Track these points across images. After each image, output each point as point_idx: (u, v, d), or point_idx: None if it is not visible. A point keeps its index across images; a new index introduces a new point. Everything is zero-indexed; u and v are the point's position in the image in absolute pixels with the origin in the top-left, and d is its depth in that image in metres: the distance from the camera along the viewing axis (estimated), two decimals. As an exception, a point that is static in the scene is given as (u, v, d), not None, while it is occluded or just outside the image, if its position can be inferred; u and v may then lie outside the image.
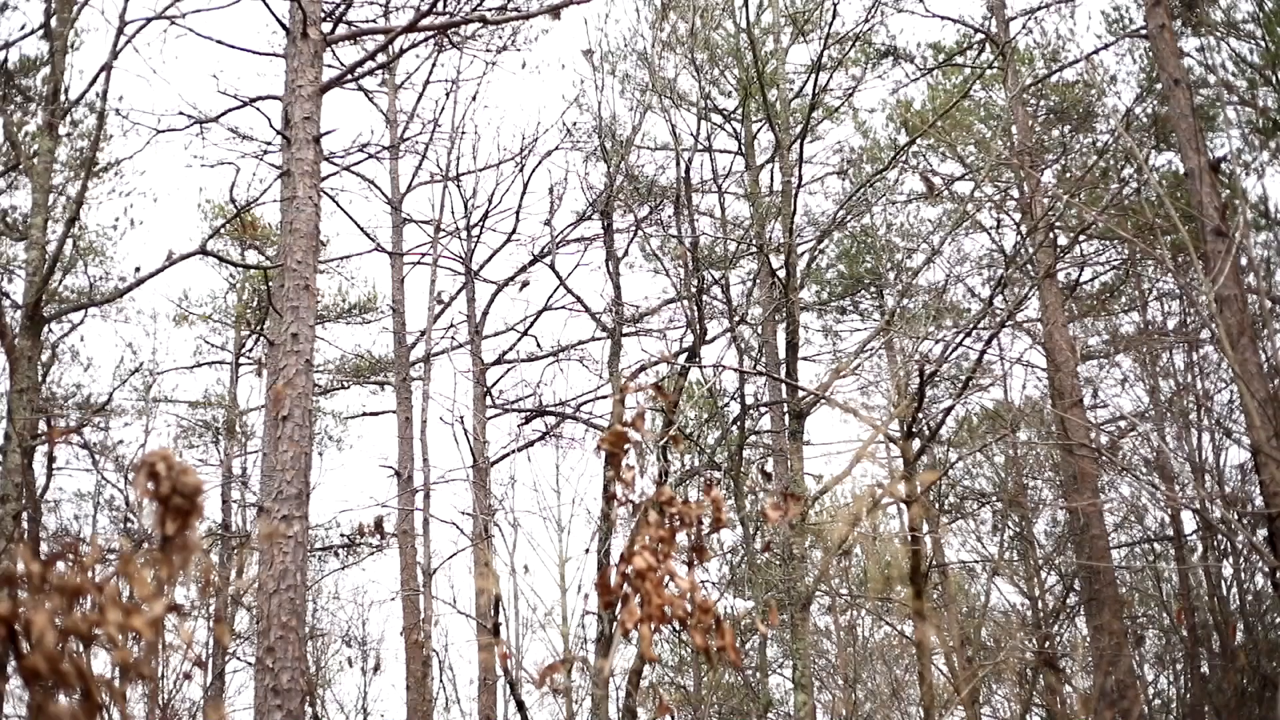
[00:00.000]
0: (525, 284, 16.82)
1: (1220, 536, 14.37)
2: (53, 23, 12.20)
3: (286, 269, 8.67)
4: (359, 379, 19.64)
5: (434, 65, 16.62)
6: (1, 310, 11.04)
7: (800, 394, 13.37)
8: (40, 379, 14.92)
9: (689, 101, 16.81)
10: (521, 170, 16.57)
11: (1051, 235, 14.91)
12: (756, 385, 16.70)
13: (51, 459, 14.84)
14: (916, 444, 9.49)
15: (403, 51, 14.81)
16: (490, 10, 11.37)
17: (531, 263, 16.81)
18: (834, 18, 13.95)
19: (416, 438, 16.27)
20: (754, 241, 14.77)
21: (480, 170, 16.88)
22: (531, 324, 17.21)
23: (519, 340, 17.44)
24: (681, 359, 15.04)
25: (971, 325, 13.53)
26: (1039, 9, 16.56)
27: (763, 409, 17.02)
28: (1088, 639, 15.12)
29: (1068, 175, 15.94)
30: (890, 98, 18.41)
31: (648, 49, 15.19)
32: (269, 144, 14.36)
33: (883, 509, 15.26)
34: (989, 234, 16.74)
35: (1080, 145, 16.74)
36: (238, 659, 16.93)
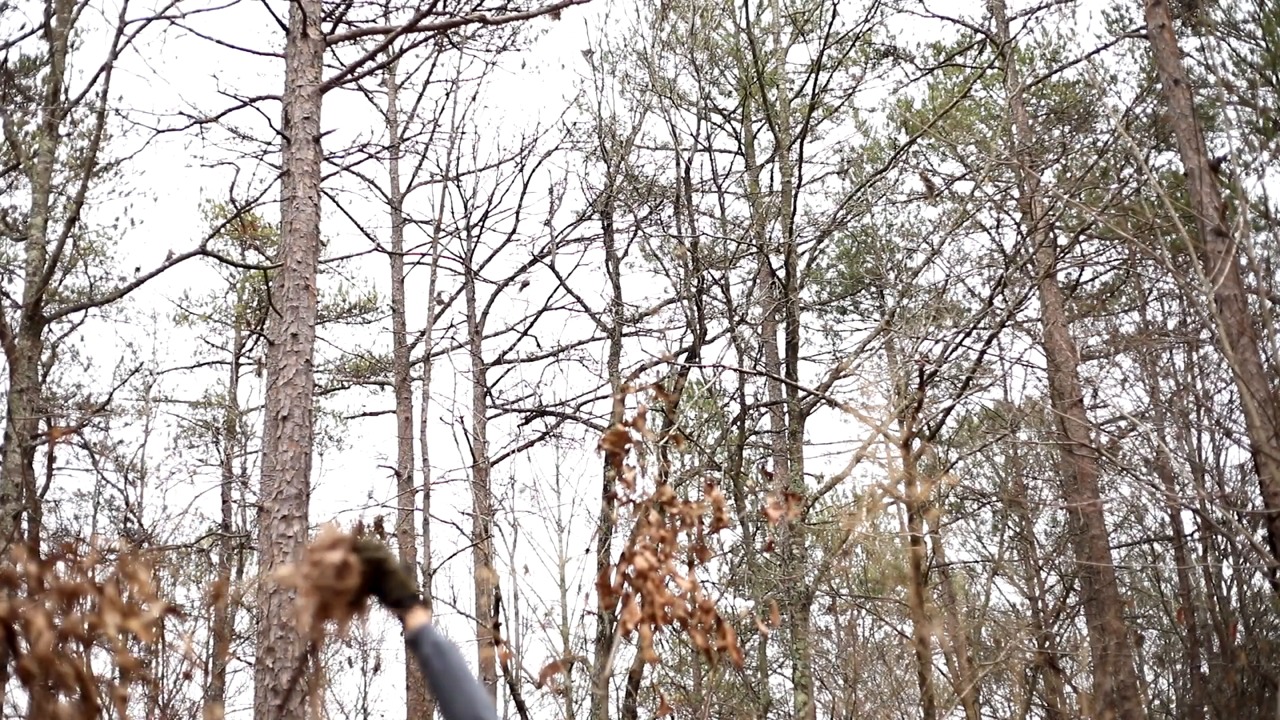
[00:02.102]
0: (525, 284, 16.82)
1: (1220, 536, 14.37)
2: (53, 23, 12.20)
3: (286, 269, 8.66)
4: (359, 379, 19.63)
5: (434, 65, 16.63)
6: (1, 310, 11.03)
7: (800, 394, 13.37)
8: (40, 379, 14.91)
9: (689, 101, 16.81)
10: (521, 170, 16.58)
11: (1051, 235, 14.91)
12: (756, 385, 16.69)
13: (51, 459, 14.82)
14: (916, 444, 9.49)
15: (403, 51, 14.81)
16: (490, 10, 11.37)
17: (531, 263, 16.81)
18: (834, 18, 13.97)
19: (416, 438, 16.27)
20: (754, 241, 14.77)
21: (480, 170, 16.89)
22: (531, 324, 17.21)
23: (519, 340, 17.45)
24: (681, 359, 15.04)
25: (971, 325, 13.53)
26: (1039, 9, 16.55)
27: (763, 409, 17.02)
28: (1087, 639, 15.12)
29: (1068, 175, 15.93)
30: (890, 97, 18.41)
31: (648, 49, 15.19)
32: (269, 144, 14.36)
33: (884, 510, 15.26)
34: (989, 234, 16.74)
35: (1080, 145, 16.73)
36: (238, 659, 16.92)
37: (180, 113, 10.90)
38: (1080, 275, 17.41)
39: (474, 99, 16.41)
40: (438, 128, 16.67)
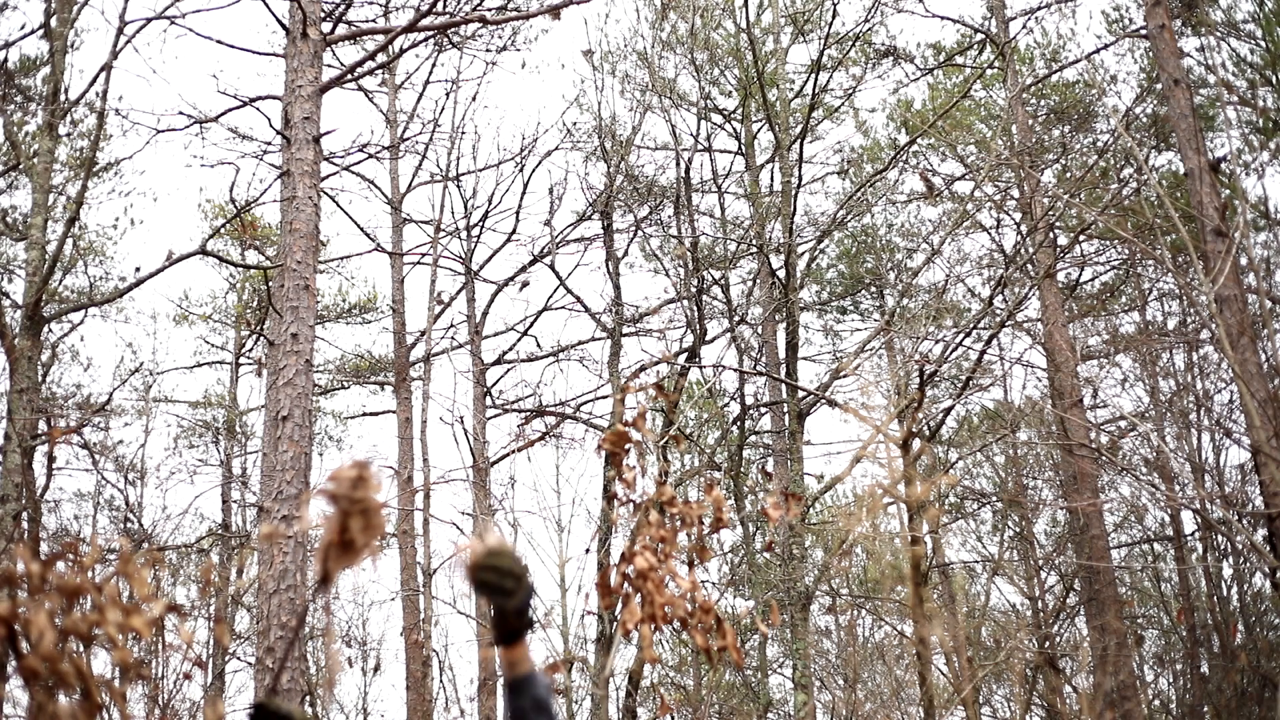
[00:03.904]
0: (525, 284, 16.82)
1: (1220, 536, 14.37)
2: (53, 23, 12.20)
3: (286, 269, 8.66)
4: (359, 379, 19.63)
5: (434, 65, 16.62)
6: (1, 310, 11.03)
7: (800, 394, 13.37)
8: (40, 379, 14.91)
9: (689, 101, 16.82)
10: (521, 170, 16.58)
11: (1051, 235, 14.91)
12: (756, 385, 16.70)
13: (51, 459, 14.81)
14: (916, 444, 9.50)
15: (403, 51, 14.81)
16: (490, 10, 11.37)
17: (531, 263, 16.81)
18: (834, 18, 13.97)
19: (416, 438, 16.27)
20: (754, 241, 14.77)
21: (480, 170, 16.88)
22: (531, 324, 17.21)
23: (519, 340, 17.44)
24: (681, 359, 15.05)
25: (971, 325, 13.53)
26: (1039, 9, 16.55)
27: (763, 409, 17.02)
28: (1087, 639, 15.12)
29: (1068, 175, 15.94)
30: (890, 98, 18.42)
31: (648, 49, 15.19)
32: (269, 144, 14.36)
33: (884, 510, 15.26)
34: (989, 234, 16.74)
35: (1080, 145, 16.74)
36: (238, 659, 16.92)
37: (180, 113, 10.91)
38: (1080, 275, 17.42)
39: (474, 99, 16.41)
40: (438, 128, 16.67)
